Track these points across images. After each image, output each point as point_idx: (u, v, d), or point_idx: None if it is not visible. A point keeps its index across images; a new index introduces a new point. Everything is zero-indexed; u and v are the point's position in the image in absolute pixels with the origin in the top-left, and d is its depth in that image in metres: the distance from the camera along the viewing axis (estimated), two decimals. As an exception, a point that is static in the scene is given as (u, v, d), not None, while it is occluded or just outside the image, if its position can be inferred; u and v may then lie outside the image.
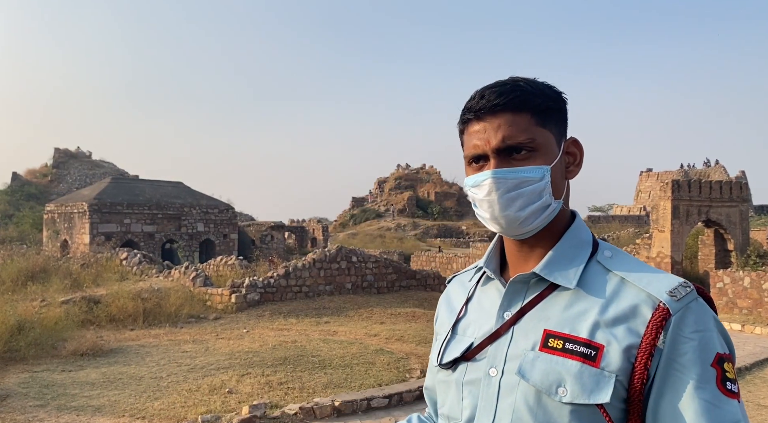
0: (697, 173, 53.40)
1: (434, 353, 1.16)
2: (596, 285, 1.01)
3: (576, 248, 1.06)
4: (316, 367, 7.94)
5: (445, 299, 1.25)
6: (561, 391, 0.95)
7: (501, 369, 1.02)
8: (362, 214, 52.23)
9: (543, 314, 1.02)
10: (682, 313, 0.94)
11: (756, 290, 14.50)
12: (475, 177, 1.06)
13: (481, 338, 1.07)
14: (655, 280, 0.98)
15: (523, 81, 1.07)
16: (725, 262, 18.39)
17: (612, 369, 0.94)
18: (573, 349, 0.96)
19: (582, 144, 1.12)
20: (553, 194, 1.04)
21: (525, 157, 1.03)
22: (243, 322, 11.83)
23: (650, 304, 0.95)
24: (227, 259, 18.62)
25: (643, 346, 0.93)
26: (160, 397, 6.65)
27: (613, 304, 0.98)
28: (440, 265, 29.90)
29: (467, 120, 1.08)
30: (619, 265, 1.03)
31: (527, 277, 1.05)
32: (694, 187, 18.18)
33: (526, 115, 1.03)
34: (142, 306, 11.84)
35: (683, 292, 0.96)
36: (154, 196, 28.58)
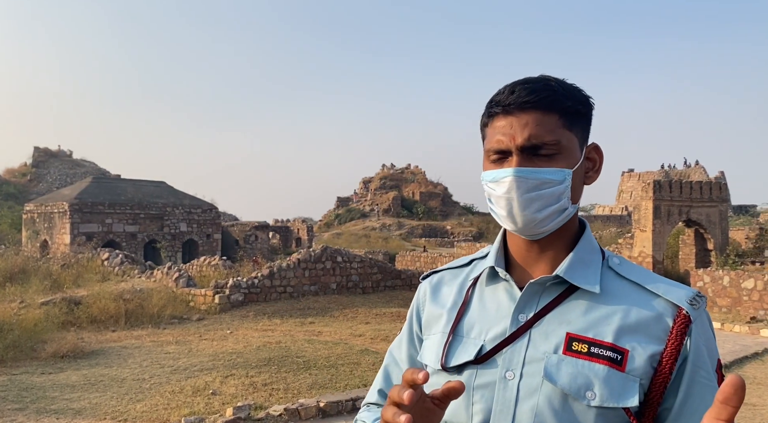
0: (677, 174, 54.16)
1: (430, 355, 1.11)
2: (615, 291, 1.02)
3: (591, 254, 1.07)
4: (301, 368, 7.90)
5: (431, 294, 1.19)
6: (589, 394, 0.95)
7: (519, 372, 1.00)
8: (347, 213, 52.17)
9: (563, 318, 1.01)
10: (700, 322, 0.98)
11: (735, 289, 14.73)
12: (495, 172, 1.04)
13: (493, 341, 1.04)
14: (672, 288, 1.01)
15: (554, 81, 1.05)
16: (705, 261, 18.67)
17: (637, 373, 0.95)
18: (599, 354, 0.96)
19: (603, 151, 1.11)
20: (570, 198, 1.04)
21: (548, 158, 1.01)
22: (227, 323, 11.74)
23: (671, 311, 0.98)
24: (211, 259, 18.48)
25: (668, 351, 0.96)
26: (143, 399, 6.57)
27: (635, 310, 0.99)
28: (425, 264, 29.96)
29: (494, 113, 1.05)
30: (630, 272, 1.05)
31: (547, 280, 1.04)
32: (675, 188, 18.43)
33: (555, 116, 1.02)
34: (124, 307, 11.69)
35: (700, 302, 1.00)
36: (137, 195, 28.27)
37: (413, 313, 1.23)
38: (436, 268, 1.25)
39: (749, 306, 14.29)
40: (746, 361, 9.24)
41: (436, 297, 1.19)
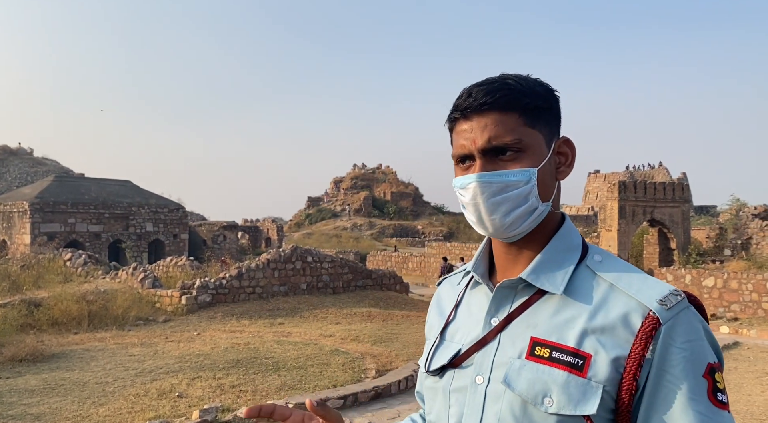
0: (641, 175, 55.48)
1: (423, 358, 1.14)
2: (584, 291, 0.99)
3: (564, 252, 1.03)
4: (270, 369, 7.82)
5: (436, 302, 1.22)
6: (547, 401, 0.92)
7: (487, 377, 0.99)
8: (318, 213, 51.94)
9: (531, 321, 0.99)
10: (673, 323, 0.91)
11: (696, 287, 15.15)
12: (462, 179, 1.03)
13: (469, 344, 1.04)
14: (645, 287, 0.95)
15: (513, 79, 1.03)
16: (668, 260, 19.16)
17: (599, 379, 0.91)
18: (560, 358, 0.93)
19: (574, 143, 1.09)
20: (540, 197, 1.01)
21: (512, 158, 1.00)
22: (194, 325, 11.55)
23: (640, 312, 0.92)
24: (177, 259, 18.17)
25: (631, 356, 0.91)
26: (106, 402, 6.40)
27: (602, 312, 0.95)
28: (396, 264, 30.02)
29: (455, 119, 1.05)
30: (608, 270, 1.00)
31: (515, 283, 1.02)
32: (639, 188, 18.87)
33: (514, 115, 1.00)
34: (87, 309, 11.39)
35: (674, 301, 0.93)
36: (101, 194, 27.63)
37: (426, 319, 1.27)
38: (449, 274, 1.26)
39: (710, 304, 14.72)
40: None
41: (439, 303, 1.21)
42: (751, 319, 13.64)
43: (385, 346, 9.50)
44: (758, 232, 18.59)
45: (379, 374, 7.77)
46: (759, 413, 6.43)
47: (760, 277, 13.92)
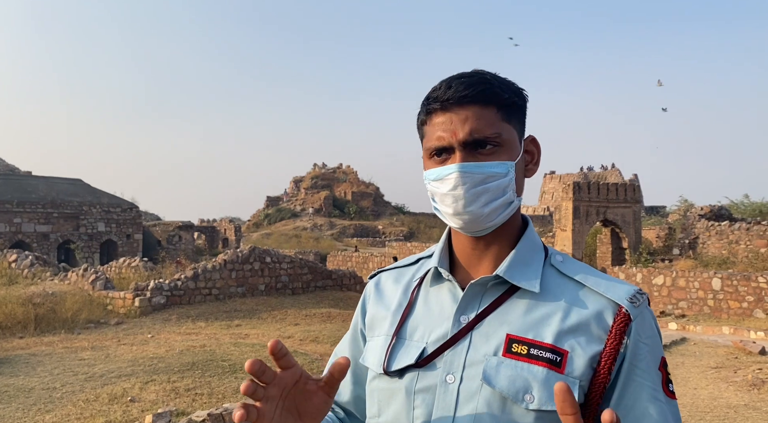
0: (595, 176, 57.05)
1: (373, 358, 1.09)
2: (556, 289, 1.01)
3: (533, 252, 1.05)
4: (227, 372, 7.68)
5: (376, 294, 1.18)
6: (528, 397, 0.93)
7: (459, 375, 0.98)
8: (277, 213, 51.40)
9: (504, 318, 0.99)
10: (640, 320, 0.96)
11: (647, 285, 15.67)
12: (439, 170, 1.01)
13: (435, 343, 1.01)
14: (613, 286, 0.99)
15: (489, 75, 1.04)
16: (620, 259, 19.76)
17: (576, 375, 0.94)
18: (539, 355, 0.95)
19: (540, 143, 1.11)
20: (515, 191, 1.03)
21: (491, 152, 1.00)
22: (148, 327, 11.25)
23: (611, 309, 0.96)
24: (131, 260, 17.68)
25: (607, 350, 0.94)
26: (53, 409, 6.16)
27: (575, 310, 0.98)
28: (356, 264, 30.00)
29: (432, 110, 1.03)
30: (572, 270, 1.03)
31: (488, 280, 1.02)
32: (593, 189, 19.39)
33: (493, 109, 1.01)
34: (33, 312, 10.94)
35: (641, 299, 0.98)
36: (50, 193, 26.63)
37: (359, 312, 1.21)
38: (384, 267, 1.23)
39: (659, 301, 15.25)
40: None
41: (381, 297, 1.16)
42: (697, 315, 14.20)
43: (345, 347, 9.47)
44: (704, 232, 19.37)
45: (338, 375, 7.74)
46: (704, 406, 6.69)
47: (705, 275, 14.50)
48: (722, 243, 18.61)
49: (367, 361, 1.11)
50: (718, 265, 16.51)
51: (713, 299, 14.16)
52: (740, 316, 13.56)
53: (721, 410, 6.49)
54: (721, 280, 14.09)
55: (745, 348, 9.69)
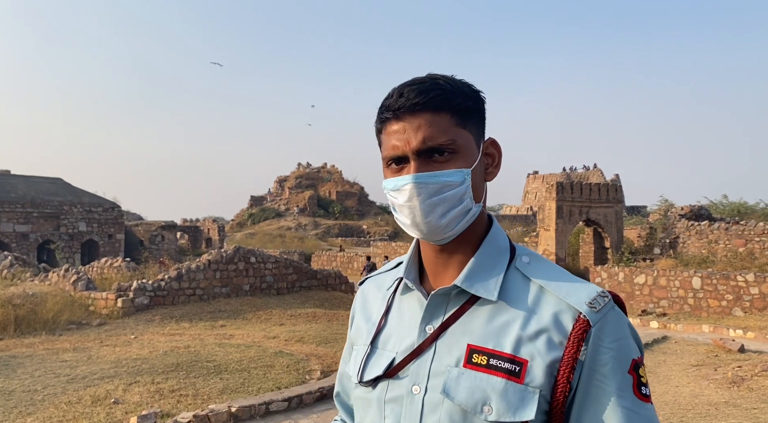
0: (578, 176, 57.55)
1: (353, 367, 1.10)
2: (517, 295, 0.99)
3: (495, 256, 1.03)
4: (211, 373, 7.62)
5: (361, 303, 1.19)
6: (486, 409, 0.92)
7: (424, 386, 0.97)
8: (261, 213, 51.11)
9: (466, 328, 0.98)
10: (601, 324, 0.94)
11: (629, 284, 15.86)
12: (396, 181, 1.00)
13: (404, 353, 1.02)
14: (574, 290, 0.97)
15: (442, 79, 1.02)
16: (603, 258, 19.97)
17: (536, 384, 0.92)
18: (498, 366, 0.94)
19: (500, 145, 1.09)
20: (473, 198, 1.01)
21: (446, 159, 0.98)
22: (131, 328, 11.12)
23: (571, 315, 0.95)
24: (113, 261, 17.47)
25: (565, 359, 0.93)
26: (34, 411, 6.07)
27: (535, 317, 0.96)
28: (341, 264, 29.94)
29: (386, 119, 1.02)
30: (537, 272, 1.01)
31: (448, 290, 1.01)
32: (576, 189, 19.56)
33: (446, 115, 0.99)
34: (13, 313, 10.75)
35: (602, 303, 0.95)
36: (29, 192, 26.20)
37: (350, 323, 1.22)
38: (371, 273, 1.23)
39: (641, 300, 15.44)
40: (638, 351, 9.96)
41: (365, 307, 1.17)
42: (678, 314, 14.40)
43: (330, 347, 9.45)
44: (685, 232, 19.65)
45: (324, 375, 7.72)
46: (685, 403, 6.79)
47: (686, 274, 14.71)
48: (702, 242, 18.90)
49: (349, 371, 1.12)
50: (698, 265, 16.77)
51: (693, 298, 14.37)
52: (720, 314, 13.78)
53: (702, 407, 6.59)
54: (701, 279, 14.30)
55: (725, 346, 9.85)
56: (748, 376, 7.65)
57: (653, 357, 9.59)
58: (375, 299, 1.15)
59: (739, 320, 12.93)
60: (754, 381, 7.47)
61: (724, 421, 6.06)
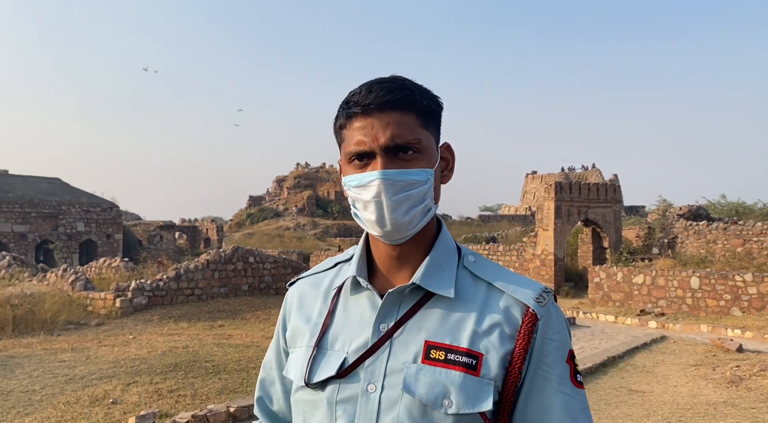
0: (576, 176, 57.61)
1: (296, 370, 1.08)
2: (468, 292, 1.03)
3: (447, 256, 1.06)
4: (210, 373, 7.62)
5: (297, 304, 1.16)
6: (446, 402, 0.94)
7: (380, 384, 0.98)
8: (260, 213, 51.09)
9: (422, 325, 1.00)
10: (547, 317, 1.00)
11: (627, 284, 15.87)
12: (361, 176, 1.01)
13: (355, 353, 1.01)
14: (521, 286, 1.03)
15: (408, 81, 1.04)
16: (601, 258, 19.97)
17: (491, 376, 0.97)
18: (455, 360, 0.97)
19: (454, 150, 1.12)
20: (433, 198, 1.04)
21: (411, 158, 1.00)
22: (129, 328, 11.11)
23: (520, 310, 1.00)
24: (111, 260, 17.46)
25: (517, 351, 0.98)
26: (32, 412, 6.06)
27: (488, 312, 1.00)
28: (339, 264, 29.88)
29: (353, 114, 1.02)
30: (484, 270, 1.06)
31: (406, 287, 1.02)
32: (574, 189, 19.57)
33: (413, 115, 1.01)
34: (11, 313, 10.74)
35: (547, 298, 1.02)
36: (27, 192, 26.17)
37: (280, 324, 1.19)
38: (302, 274, 1.22)
39: (639, 300, 15.45)
40: (636, 352, 9.96)
41: (302, 307, 1.15)
42: (676, 314, 14.41)
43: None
44: (683, 232, 19.67)
45: (322, 375, 7.71)
46: (684, 403, 6.80)
47: (684, 274, 14.73)
48: (700, 242, 18.92)
49: (289, 374, 1.10)
50: (697, 264, 16.78)
51: (692, 298, 14.39)
52: (718, 314, 13.80)
53: (701, 407, 6.60)
54: (700, 279, 14.32)
55: (723, 346, 9.87)
56: (746, 376, 7.66)
57: (652, 357, 9.60)
58: (313, 299, 1.14)
59: (737, 320, 12.94)
60: (753, 381, 7.48)
61: (722, 420, 6.07)
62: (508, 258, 20.76)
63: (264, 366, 1.23)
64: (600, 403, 6.80)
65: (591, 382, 7.80)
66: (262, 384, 1.23)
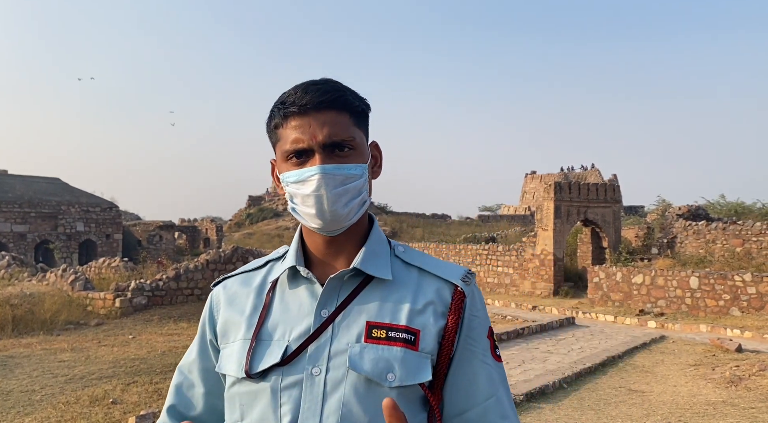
0: (575, 176, 57.62)
1: (232, 363, 1.08)
2: (402, 276, 1.11)
3: (381, 244, 1.15)
4: (210, 372, 7.62)
5: (226, 300, 1.17)
6: (390, 376, 1.01)
7: (325, 367, 1.02)
8: (259, 213, 51.06)
9: (362, 308, 1.07)
10: (472, 295, 1.11)
11: (626, 284, 15.88)
12: (300, 172, 1.07)
13: (298, 340, 1.05)
14: (448, 269, 1.13)
15: (340, 84, 1.11)
16: (601, 258, 19.98)
17: (428, 350, 1.05)
18: (396, 337, 1.04)
19: (381, 148, 1.20)
20: (368, 191, 1.12)
21: (347, 155, 1.07)
22: (129, 328, 11.11)
23: (449, 289, 1.10)
24: (111, 260, 17.46)
25: (449, 325, 1.07)
26: (32, 412, 6.06)
27: (421, 293, 1.09)
28: (338, 264, 29.91)
29: (290, 113, 1.08)
30: (414, 258, 1.15)
31: (345, 273, 1.09)
32: (573, 189, 19.57)
33: (346, 115, 1.08)
34: (11, 313, 10.74)
35: (471, 278, 1.13)
36: (27, 192, 26.16)
37: (205, 322, 1.20)
38: (229, 274, 1.24)
39: (638, 300, 15.46)
40: (636, 351, 9.97)
41: (232, 303, 1.16)
42: (675, 313, 14.42)
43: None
44: (682, 232, 19.68)
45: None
46: (684, 403, 6.80)
47: (683, 273, 14.74)
48: (699, 242, 18.93)
49: (224, 369, 1.10)
50: (696, 264, 16.78)
51: (691, 298, 14.39)
52: (717, 314, 13.81)
53: (700, 407, 6.61)
54: (699, 278, 14.33)
55: (723, 345, 9.88)
56: (745, 376, 7.67)
57: (651, 356, 9.61)
58: (245, 296, 1.16)
59: (736, 320, 12.95)
60: (752, 380, 7.49)
61: (722, 420, 6.08)
62: (507, 258, 20.76)
63: (180, 370, 1.21)
64: (599, 403, 6.80)
65: (590, 382, 7.81)
66: (178, 390, 1.20)
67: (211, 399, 1.17)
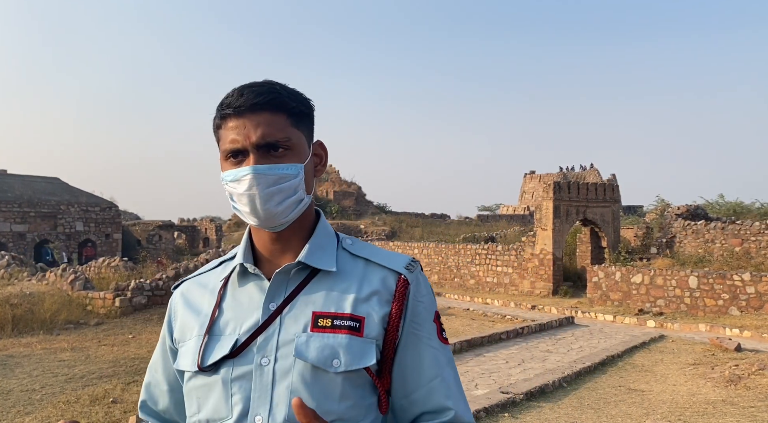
0: (574, 176, 57.62)
1: (187, 359, 1.13)
2: (348, 268, 1.15)
3: (327, 238, 1.19)
4: (210, 372, 7.63)
5: (183, 303, 1.22)
6: (335, 362, 1.05)
7: (273, 357, 1.06)
8: (258, 213, 50.95)
9: (309, 299, 1.10)
10: (416, 282, 1.15)
11: (625, 284, 15.89)
12: (235, 172, 1.10)
13: (247, 333, 1.09)
14: (393, 258, 1.17)
15: (278, 85, 1.14)
16: (600, 258, 19.99)
17: (372, 336, 1.08)
18: (341, 325, 1.07)
19: (327, 147, 1.23)
20: (305, 190, 1.14)
21: (282, 155, 1.10)
22: (129, 327, 11.12)
23: (393, 278, 1.13)
24: (110, 260, 17.46)
25: (393, 312, 1.10)
26: (32, 411, 6.07)
27: (366, 282, 1.12)
28: (338, 264, 29.89)
29: (226, 115, 1.11)
30: (360, 250, 1.19)
31: (292, 267, 1.12)
32: (573, 189, 19.58)
33: (283, 116, 1.10)
34: (10, 312, 10.74)
35: (415, 266, 1.17)
36: (26, 192, 26.15)
37: (165, 326, 1.25)
38: (186, 277, 1.29)
39: (637, 299, 15.47)
40: (635, 351, 9.98)
41: (189, 304, 1.21)
42: (674, 313, 14.43)
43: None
44: (681, 231, 19.70)
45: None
46: (683, 402, 6.82)
47: (682, 273, 14.75)
48: (698, 242, 18.95)
49: (180, 366, 1.15)
50: (695, 264, 16.80)
51: (690, 297, 14.41)
52: (716, 313, 13.82)
53: (699, 406, 6.62)
54: (698, 278, 14.34)
55: (722, 345, 9.89)
56: (744, 375, 7.68)
57: (650, 356, 9.62)
58: (200, 297, 1.20)
59: (735, 319, 12.97)
60: (751, 379, 7.51)
61: (721, 419, 6.09)
62: (506, 257, 20.77)
63: (149, 369, 1.28)
64: (599, 402, 6.82)
65: (590, 381, 7.83)
66: (148, 388, 1.27)
67: (175, 395, 1.23)
